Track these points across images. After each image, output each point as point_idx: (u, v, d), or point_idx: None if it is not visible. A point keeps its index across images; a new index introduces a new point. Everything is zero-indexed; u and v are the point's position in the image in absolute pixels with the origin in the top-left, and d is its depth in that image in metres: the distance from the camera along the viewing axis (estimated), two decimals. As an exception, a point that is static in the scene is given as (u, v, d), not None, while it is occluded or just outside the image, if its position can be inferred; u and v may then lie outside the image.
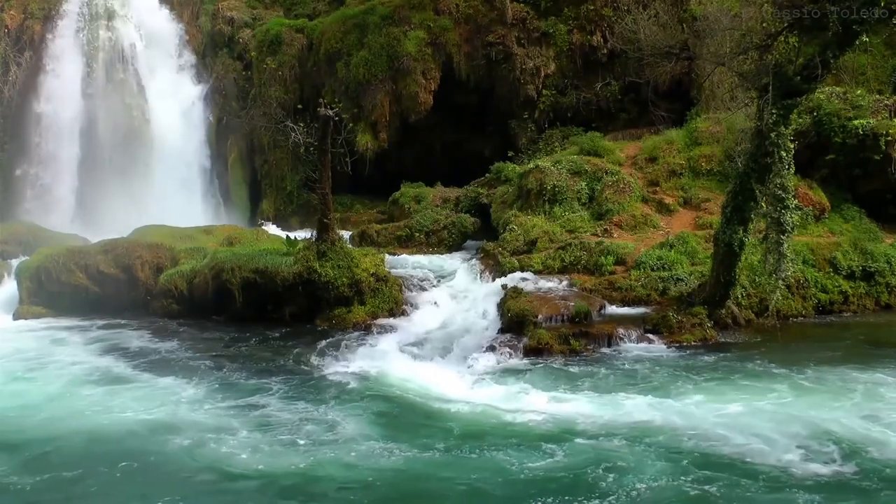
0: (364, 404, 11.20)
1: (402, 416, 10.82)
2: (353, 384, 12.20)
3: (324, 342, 14.46)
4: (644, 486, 8.47)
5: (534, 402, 11.10)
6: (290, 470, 9.05)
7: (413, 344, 14.14)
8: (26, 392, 12.06)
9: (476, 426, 10.34)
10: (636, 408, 10.76)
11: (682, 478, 8.64)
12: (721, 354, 13.25)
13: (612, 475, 8.72)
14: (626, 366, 12.74)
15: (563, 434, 9.93)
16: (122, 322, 16.66)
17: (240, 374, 12.84)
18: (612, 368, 12.60)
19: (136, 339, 15.33)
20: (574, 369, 12.60)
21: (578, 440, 9.76)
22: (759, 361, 12.77)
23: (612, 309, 15.33)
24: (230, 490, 8.68)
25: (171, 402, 11.45)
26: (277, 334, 15.36)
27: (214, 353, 14.11)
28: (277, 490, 8.64)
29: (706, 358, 13.07)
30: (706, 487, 8.44)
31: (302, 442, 9.84)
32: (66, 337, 15.54)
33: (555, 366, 12.83)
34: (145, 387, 12.25)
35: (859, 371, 12.10)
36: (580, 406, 10.89)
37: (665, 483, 8.53)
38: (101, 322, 16.68)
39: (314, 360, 13.54)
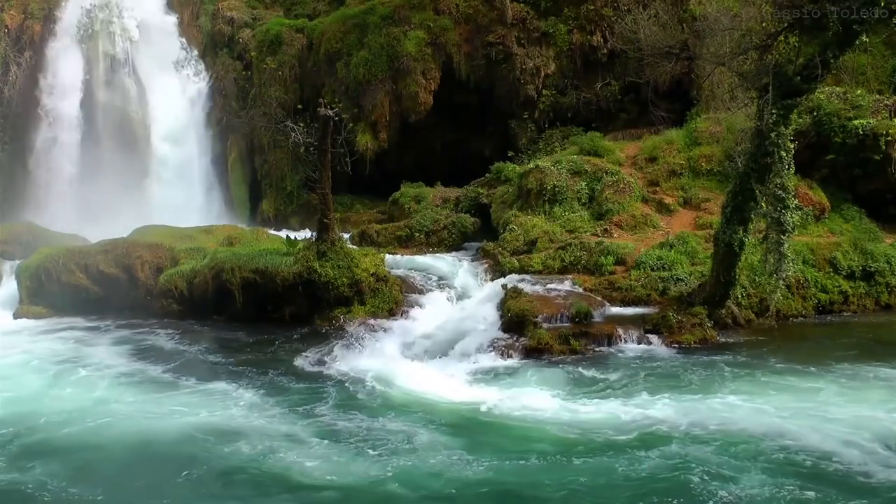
0: (383, 409, 11.06)
1: (436, 421, 10.57)
2: (358, 386, 12.14)
3: (335, 342, 14.47)
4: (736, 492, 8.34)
5: (543, 403, 11.04)
6: (363, 480, 8.81)
7: (413, 344, 14.13)
8: (64, 396, 11.85)
9: (502, 430, 10.25)
10: (657, 406, 10.77)
11: (760, 482, 8.51)
12: (727, 354, 13.23)
13: (708, 481, 8.52)
14: (627, 366, 12.74)
15: (586, 438, 9.86)
16: (131, 322, 16.62)
17: (276, 376, 12.71)
18: (613, 368, 12.60)
19: (153, 340, 15.27)
20: (575, 369, 12.60)
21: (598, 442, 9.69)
22: (774, 359, 12.83)
23: (612, 309, 15.33)
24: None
25: (216, 405, 11.24)
26: (290, 335, 15.27)
27: (233, 355, 14.03)
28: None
29: (707, 357, 13.05)
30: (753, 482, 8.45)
31: (352, 448, 9.63)
32: (82, 338, 15.48)
33: (558, 366, 12.81)
34: (185, 390, 12.07)
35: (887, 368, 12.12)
36: (590, 407, 10.84)
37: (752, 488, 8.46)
38: (105, 322, 16.67)
39: (326, 359, 13.51)
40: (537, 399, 11.18)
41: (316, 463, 9.23)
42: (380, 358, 13.35)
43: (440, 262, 19.01)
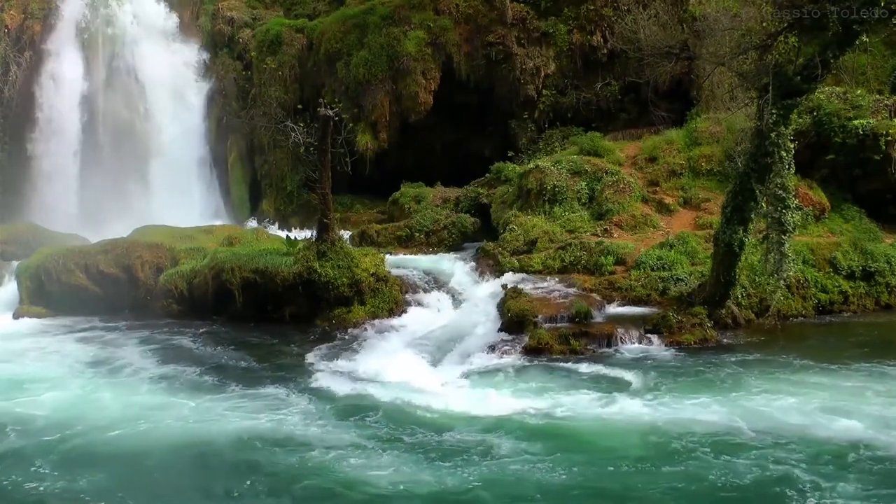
0: (412, 414, 10.85)
1: (476, 426, 10.29)
2: (375, 389, 12.02)
3: (339, 343, 14.46)
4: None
5: (549, 404, 10.98)
6: (437, 488, 8.52)
7: (413, 344, 14.13)
8: (99, 399, 11.63)
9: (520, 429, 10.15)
10: (645, 408, 10.70)
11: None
12: (732, 354, 13.23)
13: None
14: (627, 366, 12.71)
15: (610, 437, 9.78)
16: (134, 323, 16.55)
17: (295, 378, 12.54)
18: (611, 368, 12.58)
19: (167, 340, 15.14)
20: (577, 369, 12.58)
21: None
22: (787, 357, 12.85)
23: (612, 309, 15.34)
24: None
25: (261, 409, 10.99)
26: (294, 335, 15.25)
27: (245, 356, 13.93)
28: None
29: (715, 357, 13.05)
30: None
31: (404, 455, 9.38)
32: (93, 338, 15.41)
33: (560, 365, 12.80)
34: (213, 393, 11.85)
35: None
36: (631, 410, 10.72)
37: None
38: (108, 323, 16.61)
39: (335, 360, 13.45)
40: (569, 401, 11.02)
41: (384, 472, 8.87)
42: (384, 358, 13.28)
43: (440, 262, 19.03)
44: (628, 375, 12.15)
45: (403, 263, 18.67)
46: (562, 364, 12.91)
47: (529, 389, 11.65)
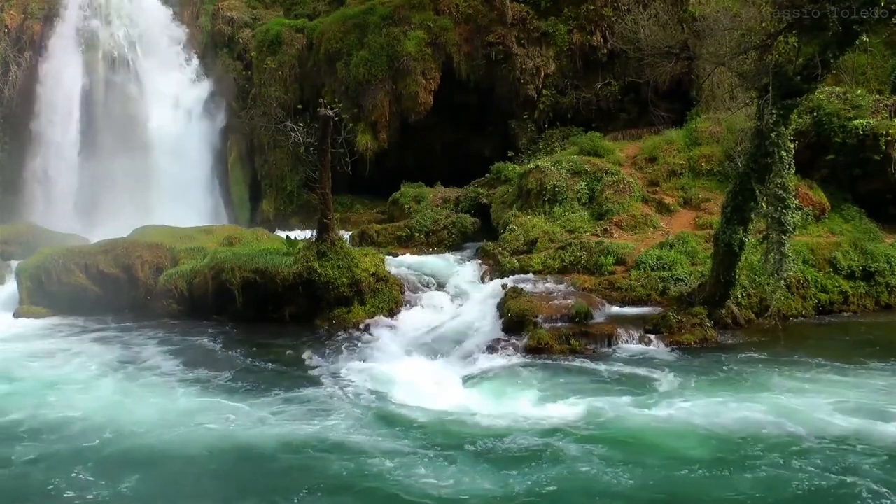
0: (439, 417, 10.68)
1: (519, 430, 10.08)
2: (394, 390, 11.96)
3: (343, 343, 14.45)
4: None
5: (553, 407, 10.91)
6: (501, 494, 8.31)
7: (413, 344, 14.13)
8: (127, 402, 11.43)
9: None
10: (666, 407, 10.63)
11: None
12: (736, 353, 13.23)
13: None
14: (638, 365, 12.71)
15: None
16: (137, 323, 16.46)
17: (311, 379, 12.47)
18: (629, 367, 12.58)
19: (183, 340, 15.01)
20: (593, 369, 12.57)
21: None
22: (797, 356, 12.87)
23: (612, 309, 15.33)
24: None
25: (294, 413, 10.81)
26: (298, 335, 15.17)
27: (255, 357, 13.84)
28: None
29: (723, 356, 13.07)
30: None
31: (449, 459, 9.16)
32: (106, 339, 15.34)
33: (571, 366, 12.79)
34: (253, 395, 11.66)
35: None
36: (658, 411, 10.64)
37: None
38: (110, 323, 16.56)
39: (342, 361, 13.41)
40: (605, 403, 10.89)
41: (443, 481, 8.62)
42: (393, 360, 13.26)
43: (440, 262, 19.02)
44: (650, 375, 12.11)
45: (403, 263, 18.67)
46: (570, 364, 12.88)
47: (555, 392, 11.41)
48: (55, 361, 13.73)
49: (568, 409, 10.67)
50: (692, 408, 10.64)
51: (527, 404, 10.96)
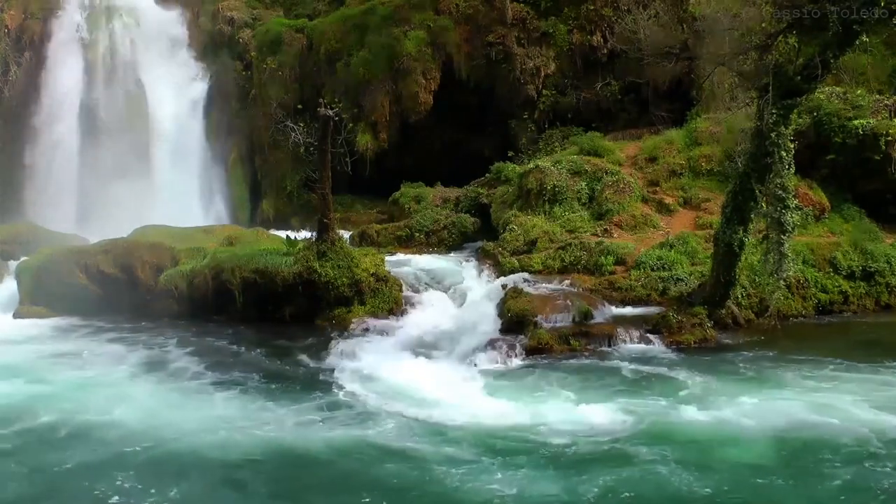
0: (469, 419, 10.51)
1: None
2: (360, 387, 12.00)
3: (348, 342, 14.43)
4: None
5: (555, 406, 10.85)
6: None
7: (413, 344, 14.13)
8: (170, 407, 11.27)
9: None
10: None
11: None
12: (741, 353, 13.25)
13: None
14: (640, 365, 12.70)
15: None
16: (140, 324, 16.41)
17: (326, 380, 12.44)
18: (626, 368, 12.55)
19: (201, 341, 14.91)
20: (588, 369, 12.56)
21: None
22: (805, 356, 12.89)
23: (612, 309, 15.32)
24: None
25: (321, 418, 10.66)
26: (304, 336, 15.14)
27: (282, 360, 13.77)
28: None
29: (718, 356, 13.09)
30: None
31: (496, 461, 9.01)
32: (117, 339, 15.27)
33: (571, 365, 12.78)
34: (284, 398, 11.50)
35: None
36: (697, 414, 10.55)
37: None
38: (113, 323, 16.49)
39: (351, 361, 13.37)
40: (640, 405, 10.78)
41: (509, 489, 8.39)
42: (394, 361, 13.24)
43: (440, 262, 19.02)
44: (669, 375, 12.10)
45: (403, 263, 18.67)
46: (578, 363, 12.88)
47: (582, 394, 11.27)
48: (79, 362, 13.63)
49: (604, 412, 10.49)
50: (732, 408, 10.55)
51: (557, 407, 10.78)
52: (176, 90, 28.09)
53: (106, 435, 10.11)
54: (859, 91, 20.06)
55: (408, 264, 18.63)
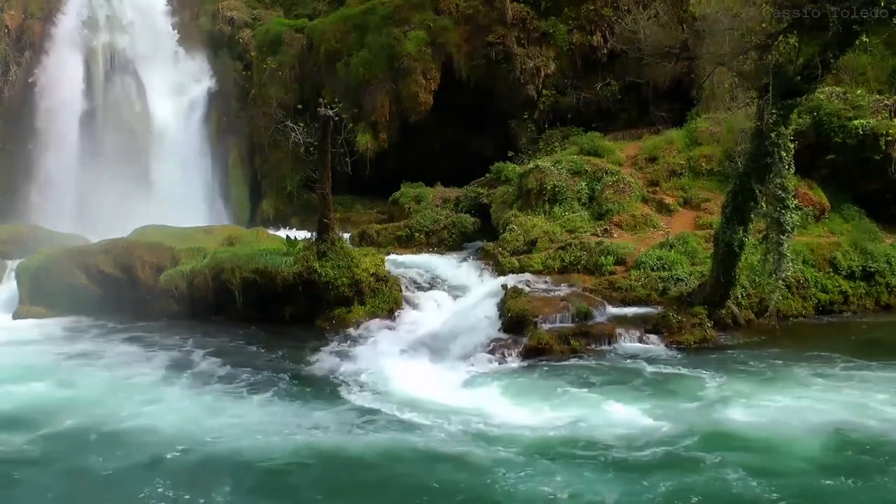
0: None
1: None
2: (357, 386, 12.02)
3: (353, 342, 14.49)
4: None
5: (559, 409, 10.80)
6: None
7: (414, 344, 14.13)
8: (203, 410, 11.12)
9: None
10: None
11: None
12: (746, 353, 13.27)
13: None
14: (650, 365, 12.73)
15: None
16: (141, 324, 16.38)
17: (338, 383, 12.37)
18: (624, 369, 12.56)
19: (219, 342, 14.87)
20: (578, 370, 12.54)
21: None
22: (811, 354, 12.97)
23: (612, 309, 15.33)
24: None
25: (369, 422, 10.53)
26: (309, 336, 15.17)
27: (271, 360, 13.76)
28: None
29: (724, 356, 13.12)
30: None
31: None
32: (129, 339, 15.27)
33: (566, 365, 12.78)
34: (316, 401, 11.42)
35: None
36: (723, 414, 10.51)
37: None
38: (115, 323, 16.50)
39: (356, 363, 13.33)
40: (677, 407, 10.70)
41: (562, 491, 8.23)
42: (398, 361, 13.26)
43: (440, 262, 19.03)
44: (688, 374, 12.12)
45: (403, 263, 18.67)
46: (586, 364, 12.87)
47: (609, 396, 11.14)
48: (102, 364, 13.58)
49: (638, 414, 10.39)
50: (767, 409, 10.52)
51: (589, 409, 10.66)
52: (176, 90, 28.08)
53: (140, 438, 9.96)
54: (859, 91, 20.05)
55: (408, 264, 18.63)
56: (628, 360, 12.98)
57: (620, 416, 10.40)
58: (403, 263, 18.64)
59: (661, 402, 10.89)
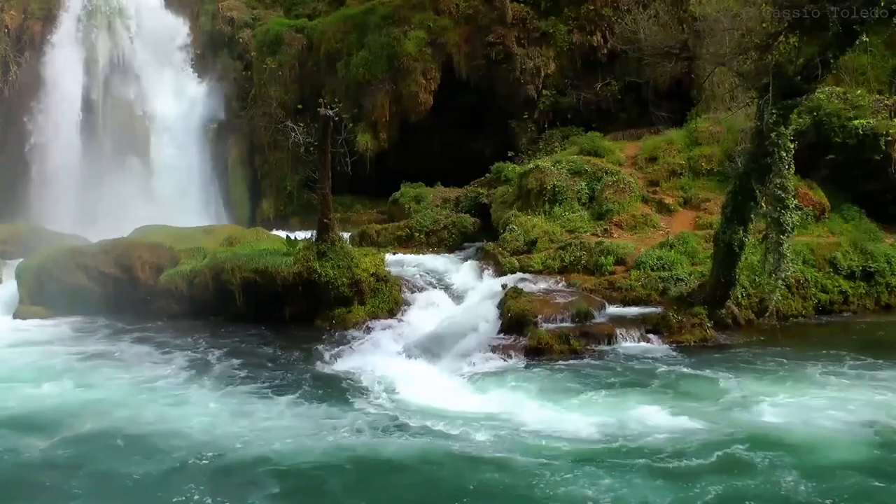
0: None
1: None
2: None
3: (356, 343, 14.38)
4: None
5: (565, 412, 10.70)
6: None
7: (413, 344, 14.13)
8: (233, 413, 10.88)
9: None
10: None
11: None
12: (749, 353, 13.25)
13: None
14: (639, 366, 12.68)
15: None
16: (142, 325, 16.31)
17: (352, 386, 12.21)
18: (625, 369, 12.52)
19: (235, 343, 14.73)
20: (586, 371, 12.51)
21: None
22: (815, 353, 12.96)
23: (612, 309, 15.32)
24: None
25: (359, 423, 10.37)
26: (313, 336, 15.09)
27: (281, 360, 13.64)
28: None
29: (718, 356, 13.08)
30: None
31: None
32: (142, 339, 15.14)
33: (569, 365, 12.76)
34: (335, 403, 11.28)
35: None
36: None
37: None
38: (118, 324, 16.45)
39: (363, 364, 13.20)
40: (708, 409, 10.55)
41: (604, 495, 8.10)
42: (380, 359, 13.27)
43: (440, 262, 19.02)
44: (698, 374, 12.08)
45: (403, 263, 18.67)
46: (593, 363, 12.82)
47: (627, 396, 11.04)
48: (120, 364, 13.43)
49: (663, 415, 10.27)
50: (793, 409, 10.41)
51: (610, 410, 10.50)
52: (176, 90, 28.09)
53: (170, 443, 9.74)
54: (859, 91, 20.04)
55: (408, 264, 18.62)
56: (633, 361, 12.92)
57: (650, 418, 10.21)
58: (403, 263, 18.63)
59: (684, 403, 10.76)
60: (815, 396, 10.94)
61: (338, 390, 11.97)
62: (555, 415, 10.50)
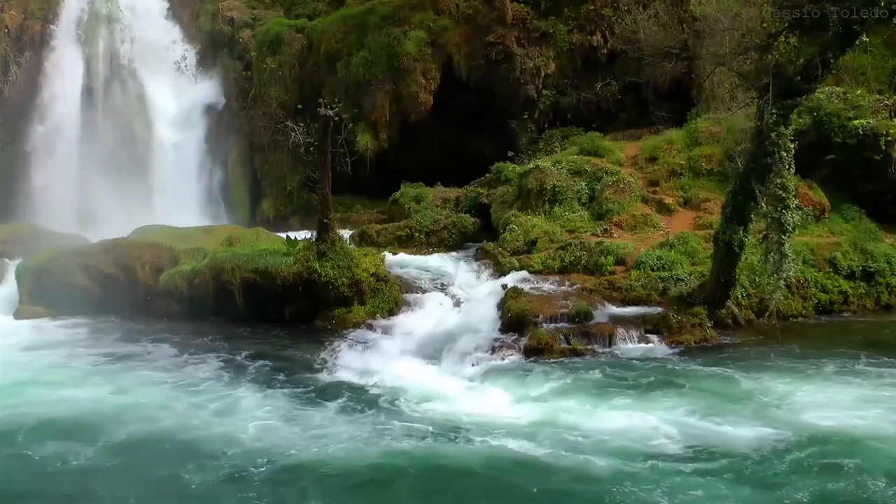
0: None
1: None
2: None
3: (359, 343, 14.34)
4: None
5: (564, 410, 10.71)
6: None
7: (415, 344, 14.13)
8: (279, 418, 10.61)
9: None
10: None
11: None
12: (750, 353, 13.24)
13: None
14: (647, 366, 12.65)
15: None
16: (142, 325, 16.23)
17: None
18: (635, 369, 12.49)
19: (254, 344, 14.57)
20: (578, 371, 12.51)
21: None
22: (817, 352, 12.95)
23: (612, 309, 15.32)
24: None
25: (377, 428, 10.15)
26: (316, 336, 15.02)
27: (288, 361, 13.51)
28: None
29: (723, 355, 13.08)
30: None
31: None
32: (152, 341, 14.98)
33: (572, 365, 12.74)
34: (369, 409, 11.05)
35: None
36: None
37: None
38: (119, 324, 16.42)
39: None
40: (736, 410, 10.45)
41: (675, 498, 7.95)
42: (380, 359, 13.28)
43: (440, 262, 19.02)
44: (711, 373, 12.02)
45: (403, 263, 18.67)
46: (598, 363, 12.80)
47: (655, 399, 10.90)
48: (152, 367, 13.22)
49: (702, 417, 10.14)
50: (831, 406, 10.31)
51: (646, 412, 10.35)
52: (176, 90, 28.09)
53: (221, 449, 9.47)
54: (859, 91, 20.04)
55: (408, 264, 18.62)
56: (637, 361, 12.91)
57: (689, 420, 10.00)
58: (403, 263, 18.63)
59: (716, 404, 10.58)
60: (840, 393, 10.82)
61: (352, 394, 11.78)
62: (598, 419, 10.25)
